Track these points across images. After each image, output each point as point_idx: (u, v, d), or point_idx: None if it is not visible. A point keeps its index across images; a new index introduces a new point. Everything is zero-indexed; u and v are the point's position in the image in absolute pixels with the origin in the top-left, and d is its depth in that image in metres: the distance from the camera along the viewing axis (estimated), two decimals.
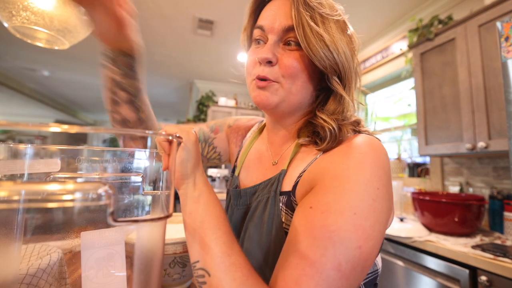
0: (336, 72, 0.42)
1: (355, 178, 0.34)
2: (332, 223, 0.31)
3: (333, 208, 0.32)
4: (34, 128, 0.16)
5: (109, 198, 0.16)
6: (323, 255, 0.29)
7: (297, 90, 0.43)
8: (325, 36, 0.40)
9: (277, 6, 0.43)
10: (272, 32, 0.43)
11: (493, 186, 1.56)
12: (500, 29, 1.06)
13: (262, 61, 0.42)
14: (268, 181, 0.47)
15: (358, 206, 0.32)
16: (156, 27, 2.51)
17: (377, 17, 2.27)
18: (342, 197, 0.33)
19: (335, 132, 0.40)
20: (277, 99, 0.43)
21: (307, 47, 0.40)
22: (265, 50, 0.42)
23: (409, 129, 2.32)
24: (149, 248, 0.25)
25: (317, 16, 0.40)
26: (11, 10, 0.57)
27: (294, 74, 0.42)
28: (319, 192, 0.35)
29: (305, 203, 0.35)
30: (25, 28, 0.60)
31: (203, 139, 0.60)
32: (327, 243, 0.30)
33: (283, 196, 0.43)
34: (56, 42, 0.61)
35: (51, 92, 5.04)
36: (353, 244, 0.30)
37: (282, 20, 0.42)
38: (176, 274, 0.65)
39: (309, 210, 0.34)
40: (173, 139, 0.30)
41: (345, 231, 0.30)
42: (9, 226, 0.28)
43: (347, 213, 0.31)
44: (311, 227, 0.32)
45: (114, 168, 0.35)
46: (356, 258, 0.30)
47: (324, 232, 0.30)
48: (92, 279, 0.29)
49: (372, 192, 0.33)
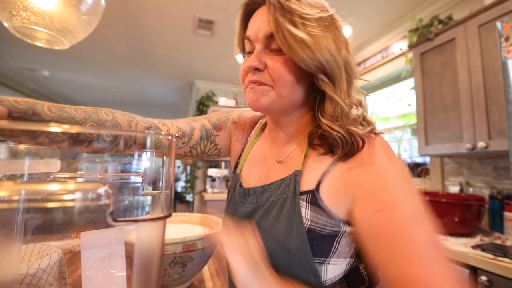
0: (321, 70, 0.42)
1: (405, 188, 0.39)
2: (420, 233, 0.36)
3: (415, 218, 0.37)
4: (34, 128, 0.16)
5: (109, 198, 0.16)
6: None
7: (288, 92, 0.45)
8: (305, 37, 0.40)
9: (260, 16, 0.46)
10: (257, 41, 0.45)
11: (493, 186, 1.56)
12: (500, 29, 1.06)
13: (250, 69, 0.45)
14: (280, 181, 0.47)
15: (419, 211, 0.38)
16: (156, 27, 2.51)
17: (377, 17, 2.27)
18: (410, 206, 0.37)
19: (345, 138, 0.41)
20: (268, 100, 0.45)
21: (288, 50, 0.41)
22: (252, 58, 0.45)
23: (409, 129, 2.32)
24: (149, 248, 0.25)
25: (296, 18, 0.41)
26: (11, 10, 0.57)
27: (282, 77, 0.44)
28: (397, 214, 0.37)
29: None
30: (25, 28, 0.60)
31: (206, 136, 0.59)
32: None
33: (306, 195, 0.43)
34: (56, 42, 0.61)
35: (51, 92, 5.04)
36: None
37: (263, 28, 0.44)
38: (176, 274, 0.65)
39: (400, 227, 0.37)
40: (172, 139, 0.30)
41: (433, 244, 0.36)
42: (9, 226, 0.28)
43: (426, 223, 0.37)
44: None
45: (114, 168, 0.35)
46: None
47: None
48: (92, 279, 0.29)
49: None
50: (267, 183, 0.49)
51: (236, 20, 0.51)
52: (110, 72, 3.86)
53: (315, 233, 0.40)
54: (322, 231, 0.40)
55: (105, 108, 0.47)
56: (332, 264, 0.40)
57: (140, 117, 0.53)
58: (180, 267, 0.64)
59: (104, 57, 3.29)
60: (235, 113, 0.65)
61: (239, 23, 0.51)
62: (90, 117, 0.43)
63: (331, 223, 0.40)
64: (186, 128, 0.57)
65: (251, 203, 0.50)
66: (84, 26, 0.89)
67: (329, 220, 0.40)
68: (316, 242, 0.40)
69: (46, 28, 0.85)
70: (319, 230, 0.40)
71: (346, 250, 0.41)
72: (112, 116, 0.46)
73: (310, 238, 0.40)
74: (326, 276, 0.40)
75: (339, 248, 0.40)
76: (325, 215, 0.41)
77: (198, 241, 0.63)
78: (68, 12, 0.77)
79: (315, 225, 0.41)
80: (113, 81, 4.24)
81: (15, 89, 4.34)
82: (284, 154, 0.51)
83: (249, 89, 0.47)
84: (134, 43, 2.85)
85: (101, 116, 0.45)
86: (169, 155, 0.30)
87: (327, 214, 0.40)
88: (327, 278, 0.40)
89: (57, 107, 0.39)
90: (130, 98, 5.17)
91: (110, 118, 0.46)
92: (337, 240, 0.40)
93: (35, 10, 0.81)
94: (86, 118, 0.42)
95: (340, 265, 0.41)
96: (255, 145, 0.59)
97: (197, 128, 0.58)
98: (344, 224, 0.40)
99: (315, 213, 0.41)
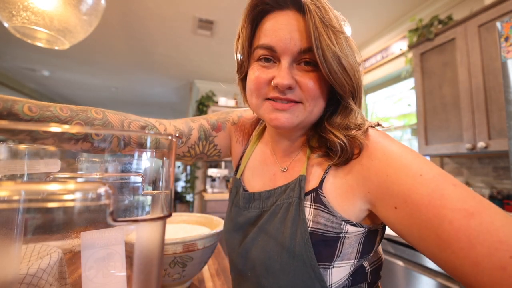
0: (352, 93, 0.42)
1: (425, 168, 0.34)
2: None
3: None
4: (34, 128, 0.16)
5: (109, 198, 0.16)
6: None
7: (318, 110, 0.43)
8: (342, 56, 0.38)
9: (286, 22, 0.39)
10: (286, 54, 0.40)
11: (493, 186, 1.56)
12: (500, 29, 1.06)
13: (283, 88, 0.39)
14: (285, 186, 0.47)
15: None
16: (156, 27, 2.51)
17: (377, 17, 2.27)
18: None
19: (346, 147, 0.40)
20: (298, 120, 0.42)
21: (328, 73, 0.38)
22: (284, 75, 0.39)
23: (409, 129, 2.32)
24: (149, 248, 0.25)
25: (331, 34, 0.37)
26: (12, 10, 0.57)
27: (317, 96, 0.41)
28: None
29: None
30: (25, 28, 0.60)
31: (204, 137, 0.59)
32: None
33: (310, 195, 0.43)
34: (56, 42, 0.61)
35: (51, 92, 5.04)
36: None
37: (297, 40, 0.39)
38: (176, 274, 0.65)
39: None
40: (172, 139, 0.30)
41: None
42: (9, 226, 0.28)
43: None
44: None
45: (114, 168, 0.35)
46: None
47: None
48: (92, 279, 0.29)
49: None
50: (272, 188, 0.49)
51: (242, 21, 0.45)
52: (110, 72, 3.86)
53: (317, 236, 0.40)
54: (324, 232, 0.40)
55: (95, 107, 0.45)
56: (336, 268, 0.40)
57: (134, 116, 0.51)
58: (180, 267, 0.64)
59: (104, 57, 3.29)
60: (235, 113, 0.64)
61: (247, 21, 0.44)
62: (77, 115, 0.41)
63: (333, 221, 0.40)
64: (184, 128, 0.56)
65: (257, 207, 0.50)
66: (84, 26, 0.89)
67: (331, 217, 0.40)
68: (319, 246, 0.40)
69: (46, 28, 0.85)
70: (321, 232, 0.40)
71: (350, 252, 0.41)
72: (102, 114, 0.44)
73: (313, 243, 0.40)
74: (332, 280, 0.40)
75: (342, 251, 0.40)
76: (327, 212, 0.40)
77: (198, 241, 0.63)
78: (68, 12, 0.77)
79: (317, 226, 0.40)
80: (113, 81, 4.24)
81: (15, 89, 4.34)
82: (288, 162, 0.51)
83: (272, 108, 0.42)
84: (134, 43, 2.85)
85: (90, 114, 0.43)
86: (169, 155, 0.30)
87: (329, 211, 0.40)
88: (333, 282, 0.40)
89: (39, 106, 0.38)
90: (130, 98, 5.17)
91: (100, 117, 0.44)
92: (340, 243, 0.40)
93: (35, 10, 0.81)
94: (73, 117, 0.40)
95: (345, 267, 0.41)
96: (256, 149, 0.59)
97: (195, 129, 0.58)
98: (346, 223, 0.40)
99: (317, 211, 0.41)
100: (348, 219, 0.40)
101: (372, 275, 0.44)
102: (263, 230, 0.46)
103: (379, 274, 0.47)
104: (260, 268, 0.44)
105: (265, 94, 0.43)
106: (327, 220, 0.40)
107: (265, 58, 0.42)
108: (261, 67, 0.43)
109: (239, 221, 0.52)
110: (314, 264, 0.39)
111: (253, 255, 0.46)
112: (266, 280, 0.43)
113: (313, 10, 0.37)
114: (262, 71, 0.42)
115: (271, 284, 0.42)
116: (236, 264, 0.51)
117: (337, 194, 0.41)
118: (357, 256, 0.42)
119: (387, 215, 0.36)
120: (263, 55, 0.42)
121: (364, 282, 0.44)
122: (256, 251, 0.45)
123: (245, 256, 0.48)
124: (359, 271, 0.43)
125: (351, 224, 0.40)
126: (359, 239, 0.41)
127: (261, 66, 0.43)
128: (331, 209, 0.40)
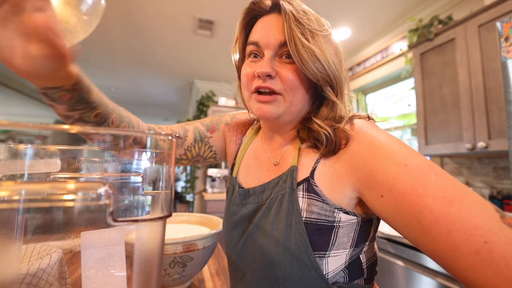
0: (328, 83, 0.45)
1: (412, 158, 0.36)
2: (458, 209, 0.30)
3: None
4: (34, 128, 0.16)
5: (109, 198, 0.16)
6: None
7: (298, 101, 0.46)
8: (316, 50, 0.42)
9: (269, 22, 0.46)
10: (268, 48, 0.45)
11: (493, 186, 1.56)
12: (500, 29, 1.06)
13: (262, 75, 0.44)
14: (278, 178, 0.48)
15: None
16: (156, 27, 2.51)
17: (377, 17, 2.27)
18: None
19: (331, 137, 0.42)
20: (280, 111, 0.46)
21: (299, 61, 0.42)
22: (265, 64, 0.44)
23: (409, 129, 2.32)
24: (149, 248, 0.25)
25: (307, 32, 0.43)
26: None
27: (295, 86, 0.45)
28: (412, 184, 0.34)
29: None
30: None
31: (199, 138, 0.61)
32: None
33: (302, 184, 0.44)
34: None
35: None
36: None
37: (276, 35, 0.45)
38: (176, 274, 0.65)
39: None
40: (173, 139, 0.30)
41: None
42: (9, 226, 0.28)
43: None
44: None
45: (114, 168, 0.35)
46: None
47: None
48: (92, 279, 0.29)
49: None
50: (266, 182, 0.50)
51: (238, 23, 0.52)
52: (110, 72, 3.86)
53: (312, 225, 0.41)
54: (318, 221, 0.41)
55: (122, 107, 0.49)
56: (332, 257, 0.41)
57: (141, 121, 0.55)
58: (180, 267, 0.64)
59: (104, 57, 3.29)
60: (228, 115, 0.67)
61: (241, 27, 0.51)
62: (116, 110, 0.46)
63: (326, 209, 0.41)
64: (180, 131, 0.59)
65: (253, 203, 0.51)
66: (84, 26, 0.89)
67: (324, 205, 0.41)
68: (314, 236, 0.41)
69: None
70: (315, 221, 0.41)
71: (345, 241, 0.42)
72: (127, 114, 0.49)
73: (308, 232, 0.41)
74: (328, 268, 0.41)
75: (337, 240, 0.41)
76: (320, 200, 0.42)
77: (198, 241, 0.64)
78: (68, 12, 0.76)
79: (311, 216, 0.42)
80: (113, 81, 4.24)
81: (15, 89, 4.34)
82: (280, 155, 0.52)
83: (256, 100, 0.46)
84: (134, 43, 2.85)
85: (121, 112, 0.48)
86: (169, 155, 0.30)
87: (322, 199, 0.42)
88: (329, 270, 0.41)
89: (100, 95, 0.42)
90: (130, 98, 5.17)
91: (127, 115, 0.49)
92: (334, 232, 0.41)
93: None
94: (114, 110, 0.45)
95: (341, 256, 0.42)
96: (250, 146, 0.60)
97: (190, 131, 0.60)
98: (339, 211, 0.41)
99: (311, 200, 0.42)
100: (340, 206, 0.41)
101: (368, 271, 0.45)
102: (259, 225, 0.47)
103: (375, 270, 0.48)
104: (258, 262, 0.45)
105: (253, 86, 0.47)
106: (321, 208, 0.41)
107: (254, 55, 0.48)
108: (251, 62, 0.48)
109: (237, 218, 0.53)
110: (310, 253, 0.40)
111: (251, 250, 0.47)
112: (264, 272, 0.44)
113: (288, 10, 0.43)
114: (251, 66, 0.48)
115: (269, 276, 0.43)
116: (234, 261, 0.52)
117: (328, 183, 0.42)
118: (352, 245, 0.43)
119: (374, 203, 0.38)
120: (252, 50, 0.48)
121: (360, 278, 0.44)
122: (254, 246, 0.47)
123: (242, 252, 0.49)
124: (356, 267, 0.44)
125: (344, 211, 0.41)
126: (354, 228, 0.42)
127: (251, 62, 0.48)
128: (324, 197, 0.42)
